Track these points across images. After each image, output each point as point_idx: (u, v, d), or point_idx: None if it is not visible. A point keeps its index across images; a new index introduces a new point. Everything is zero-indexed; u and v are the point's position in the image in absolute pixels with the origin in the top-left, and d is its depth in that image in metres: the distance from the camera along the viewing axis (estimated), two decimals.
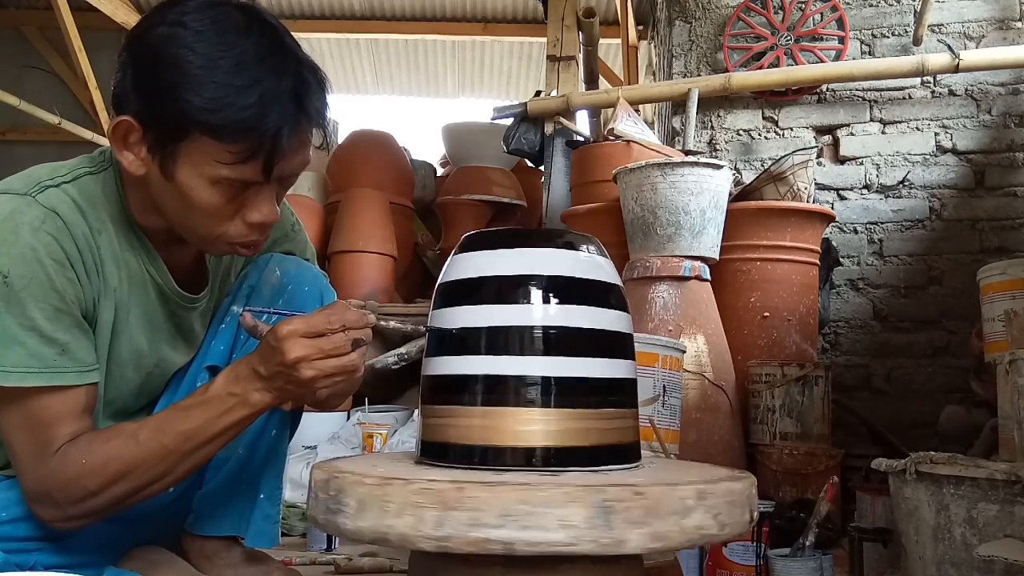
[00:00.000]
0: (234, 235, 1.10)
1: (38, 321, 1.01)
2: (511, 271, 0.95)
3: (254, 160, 1.02)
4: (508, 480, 0.84)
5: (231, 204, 1.06)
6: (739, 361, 2.42)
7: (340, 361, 1.04)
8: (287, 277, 1.31)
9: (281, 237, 1.38)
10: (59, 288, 1.03)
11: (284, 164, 1.06)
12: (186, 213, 1.08)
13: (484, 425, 0.92)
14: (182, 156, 1.02)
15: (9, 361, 1.01)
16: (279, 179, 1.08)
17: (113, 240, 1.12)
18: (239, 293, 1.31)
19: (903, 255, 3.18)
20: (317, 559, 1.78)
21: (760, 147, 3.30)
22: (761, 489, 1.11)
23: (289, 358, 1.02)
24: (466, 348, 0.95)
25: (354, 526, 0.85)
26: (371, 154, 4.34)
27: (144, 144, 1.05)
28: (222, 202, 1.05)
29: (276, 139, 1.01)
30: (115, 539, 1.23)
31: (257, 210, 1.08)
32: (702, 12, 3.41)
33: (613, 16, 5.76)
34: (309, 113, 1.05)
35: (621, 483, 0.83)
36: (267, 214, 1.08)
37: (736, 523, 0.87)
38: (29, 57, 6.16)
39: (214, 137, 1.00)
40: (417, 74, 7.29)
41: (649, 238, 2.37)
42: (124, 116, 1.04)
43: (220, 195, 1.05)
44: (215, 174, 1.03)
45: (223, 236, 1.10)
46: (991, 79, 3.14)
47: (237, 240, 1.11)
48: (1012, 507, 1.22)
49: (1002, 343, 1.88)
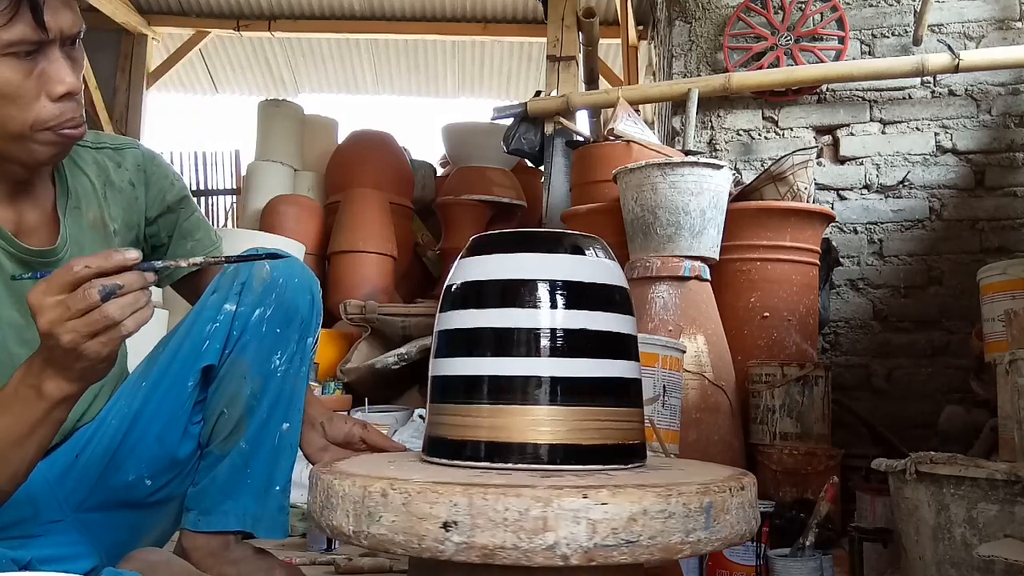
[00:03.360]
0: (48, 116, 1.07)
1: None
2: (519, 275, 0.96)
3: (21, 15, 1.01)
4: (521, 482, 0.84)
5: (28, 80, 1.05)
6: (739, 361, 2.42)
7: (92, 317, 0.91)
8: (276, 271, 1.30)
9: (143, 166, 1.34)
10: None
11: (56, 17, 1.04)
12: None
13: (492, 424, 0.93)
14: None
15: None
16: (61, 41, 1.07)
17: None
18: (231, 291, 1.29)
19: (903, 255, 3.18)
20: (317, 559, 1.78)
21: (760, 147, 3.30)
22: (761, 489, 1.12)
23: (41, 326, 0.91)
24: (475, 350, 0.96)
25: (353, 531, 0.85)
26: (371, 154, 4.34)
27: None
28: (19, 79, 1.04)
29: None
30: (110, 528, 1.24)
31: (58, 81, 1.06)
32: (702, 12, 3.41)
33: (613, 16, 5.77)
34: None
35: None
36: (70, 83, 1.07)
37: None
38: None
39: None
40: (417, 74, 7.29)
41: (649, 238, 2.38)
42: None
43: (13, 70, 1.04)
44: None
45: (38, 121, 1.07)
46: (991, 79, 3.15)
47: (54, 122, 1.08)
48: (1012, 507, 1.22)
49: (1002, 343, 1.88)
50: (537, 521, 0.78)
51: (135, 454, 1.25)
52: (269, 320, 1.28)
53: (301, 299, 1.30)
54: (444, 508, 0.80)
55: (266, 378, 1.28)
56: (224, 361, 1.27)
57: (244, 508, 1.29)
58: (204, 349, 1.27)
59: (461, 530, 0.79)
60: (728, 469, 1.02)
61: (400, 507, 0.82)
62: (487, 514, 0.79)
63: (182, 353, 1.28)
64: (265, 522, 1.32)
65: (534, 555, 0.78)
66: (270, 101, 4.95)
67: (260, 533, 1.32)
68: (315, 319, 1.34)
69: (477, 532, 0.79)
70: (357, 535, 0.85)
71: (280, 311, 1.28)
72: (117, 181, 1.30)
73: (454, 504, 0.80)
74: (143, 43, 6.39)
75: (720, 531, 0.86)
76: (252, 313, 1.27)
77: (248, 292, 1.27)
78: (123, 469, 1.25)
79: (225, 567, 1.28)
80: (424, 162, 4.78)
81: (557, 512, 0.79)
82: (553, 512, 0.79)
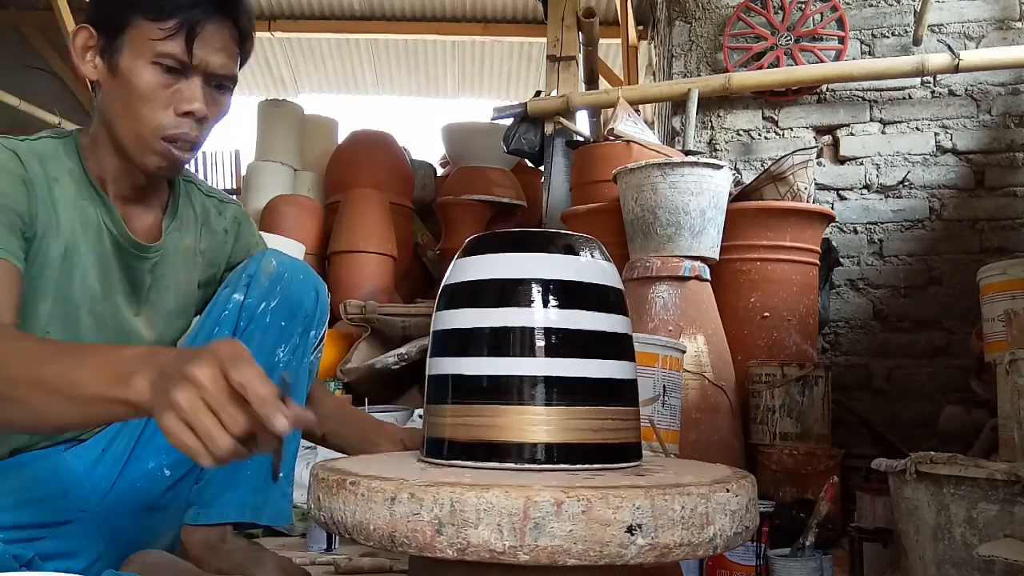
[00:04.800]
0: (168, 124, 1.20)
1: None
2: (515, 275, 0.96)
3: (179, 35, 1.17)
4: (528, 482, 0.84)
5: (165, 91, 1.19)
6: (739, 361, 2.42)
7: (211, 426, 0.81)
8: (282, 267, 1.38)
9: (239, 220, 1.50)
10: (7, 191, 1.14)
11: (206, 52, 1.19)
12: (129, 107, 1.20)
13: (488, 424, 0.93)
14: (126, 46, 1.19)
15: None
16: (205, 76, 1.21)
17: (69, 190, 1.23)
18: (239, 283, 1.37)
19: (903, 255, 3.18)
20: (317, 559, 1.78)
21: (760, 147, 3.30)
22: (761, 489, 1.12)
23: (189, 366, 0.82)
24: (471, 350, 0.96)
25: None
26: (371, 154, 4.34)
27: (96, 49, 1.22)
28: (157, 86, 1.19)
29: (196, 17, 1.17)
30: (123, 526, 1.26)
31: (187, 100, 1.19)
32: (702, 12, 3.41)
33: (613, 16, 5.76)
34: (229, 8, 1.22)
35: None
36: (197, 106, 1.20)
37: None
38: (29, 57, 6.16)
39: (148, 17, 1.17)
40: (417, 74, 7.29)
41: (649, 238, 2.37)
42: (83, 25, 1.23)
43: (156, 77, 1.18)
44: (150, 52, 1.17)
45: (159, 127, 1.20)
46: (991, 79, 3.14)
47: (171, 131, 1.20)
48: (1012, 507, 1.22)
49: (1002, 343, 1.88)
50: (702, 517, 0.84)
51: (154, 442, 1.29)
52: (274, 312, 1.34)
53: (306, 294, 1.38)
54: (628, 512, 0.80)
55: (269, 368, 1.31)
56: None
57: (243, 499, 1.32)
58: (215, 335, 1.33)
59: (645, 532, 0.81)
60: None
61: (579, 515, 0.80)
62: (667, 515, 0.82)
63: (197, 342, 1.34)
64: (268, 509, 1.36)
65: (698, 549, 0.84)
66: (270, 101, 4.95)
67: (264, 520, 1.35)
68: (319, 314, 1.41)
69: (660, 533, 0.81)
70: (515, 550, 0.79)
71: (285, 304, 1.35)
72: (215, 225, 1.45)
73: (637, 507, 0.81)
74: None
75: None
76: (258, 305, 1.34)
77: (255, 285, 1.36)
78: (143, 459, 1.30)
79: (220, 559, 1.30)
80: (424, 162, 4.78)
81: (714, 507, 0.85)
82: (711, 507, 0.85)
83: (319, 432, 1.47)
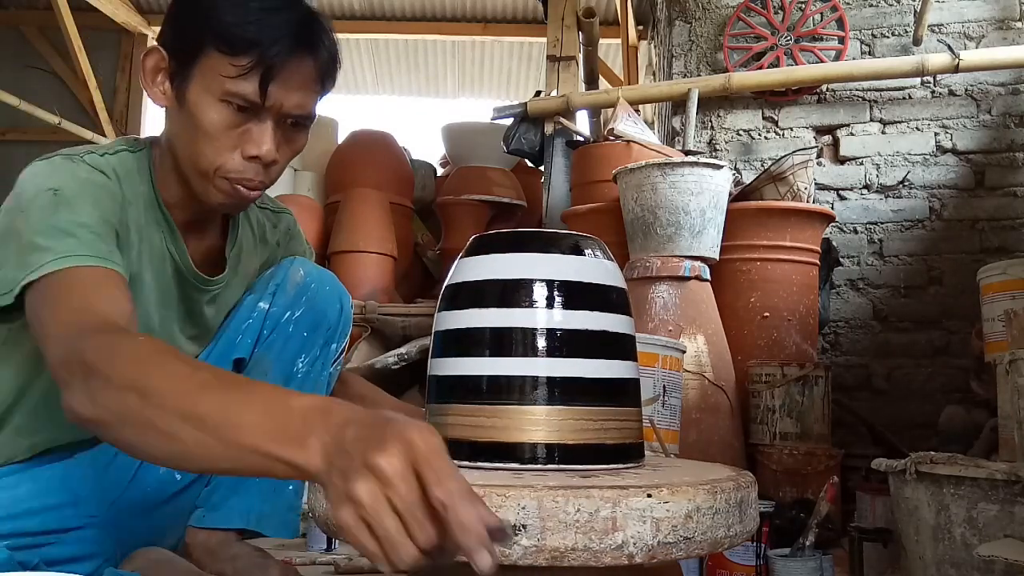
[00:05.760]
0: (231, 168, 1.14)
1: (88, 222, 1.05)
2: (517, 275, 0.96)
3: (253, 75, 1.09)
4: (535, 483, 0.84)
5: (233, 131, 1.12)
6: (739, 361, 2.42)
7: (395, 534, 0.65)
8: (310, 277, 1.37)
9: (291, 231, 1.47)
10: (105, 206, 1.09)
11: (282, 92, 1.11)
12: (193, 142, 1.13)
13: (490, 424, 0.93)
14: (195, 76, 1.11)
15: (63, 248, 1.01)
16: (279, 116, 1.13)
17: (140, 214, 1.18)
18: (265, 290, 1.35)
19: (903, 255, 3.18)
20: (317, 559, 1.78)
21: (760, 147, 3.30)
22: (761, 489, 1.12)
23: (375, 455, 0.66)
24: (473, 350, 0.96)
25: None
26: (371, 154, 4.33)
27: (167, 73, 1.15)
28: (224, 126, 1.11)
29: (273, 56, 1.09)
30: (131, 530, 1.25)
31: (255, 144, 1.12)
32: (702, 12, 3.41)
33: (613, 16, 5.76)
34: (310, 44, 1.13)
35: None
36: (265, 150, 1.13)
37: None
38: (29, 57, 6.16)
39: (222, 50, 1.08)
40: (417, 74, 7.29)
41: (649, 238, 2.37)
42: (155, 45, 1.16)
43: (223, 116, 1.11)
44: (220, 89, 1.09)
45: (223, 168, 1.14)
46: (991, 79, 3.15)
47: (234, 174, 1.14)
48: (1012, 507, 1.22)
49: (1002, 343, 1.88)
50: (607, 522, 0.79)
51: None
52: (297, 322, 1.34)
53: (331, 306, 1.37)
54: (511, 512, 0.79)
55: (287, 378, 1.31)
56: (252, 356, 1.33)
57: (249, 506, 1.31)
58: (237, 343, 1.33)
59: (531, 534, 0.79)
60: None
61: None
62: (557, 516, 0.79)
63: (219, 346, 1.33)
64: (273, 520, 1.34)
65: (603, 555, 0.79)
66: None
67: (267, 532, 1.33)
68: (342, 326, 1.40)
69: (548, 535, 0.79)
70: None
71: (309, 315, 1.35)
72: (270, 238, 1.43)
73: (523, 507, 0.79)
74: (143, 43, 6.38)
75: (748, 524, 0.89)
76: (283, 314, 1.34)
77: (281, 293, 1.35)
78: (155, 465, 1.27)
79: (222, 564, 1.29)
80: (424, 162, 4.78)
81: (625, 512, 0.79)
82: (622, 512, 0.79)
83: None
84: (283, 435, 0.73)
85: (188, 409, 0.78)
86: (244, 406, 0.77)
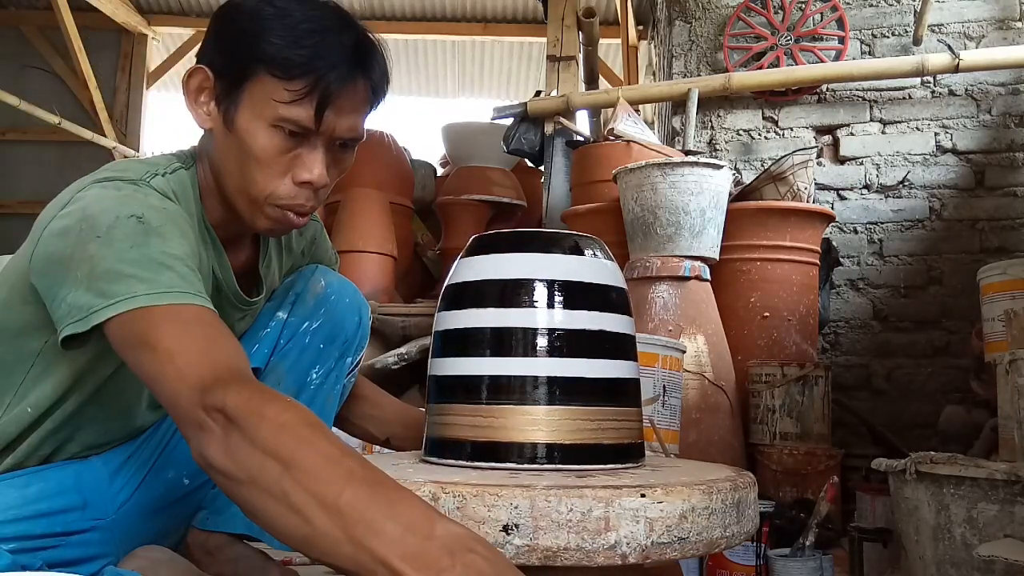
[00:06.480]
0: (283, 195, 1.10)
1: (180, 255, 1.00)
2: (518, 275, 0.96)
3: (308, 100, 1.05)
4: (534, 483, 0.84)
5: (284, 156, 1.08)
6: (739, 361, 2.42)
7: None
8: (330, 288, 1.36)
9: (316, 239, 1.45)
10: (189, 237, 1.05)
11: (336, 117, 1.08)
12: (242, 168, 1.10)
13: (490, 424, 0.93)
14: (244, 100, 1.07)
15: (164, 282, 0.95)
16: (330, 140, 1.10)
17: (192, 235, 1.14)
18: (284, 300, 1.34)
19: (903, 255, 3.18)
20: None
21: (760, 147, 3.30)
22: (761, 489, 1.12)
23: None
24: (473, 349, 0.96)
25: None
26: (371, 154, 4.33)
27: (213, 94, 1.10)
28: (275, 151, 1.08)
29: (330, 81, 1.05)
30: (135, 532, 1.25)
31: (307, 169, 1.09)
32: (702, 12, 3.41)
33: (613, 16, 5.77)
34: (365, 67, 1.10)
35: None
36: (316, 175, 1.09)
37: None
38: (29, 57, 6.16)
39: (275, 74, 1.04)
40: (417, 74, 7.29)
41: (649, 238, 2.38)
42: (199, 65, 1.10)
43: (275, 142, 1.07)
44: (272, 114, 1.06)
45: (273, 195, 1.10)
46: (991, 79, 3.15)
47: (285, 200, 1.11)
48: (1012, 507, 1.22)
49: (1002, 343, 1.88)
50: (600, 521, 0.79)
51: (177, 452, 1.27)
52: (314, 333, 1.33)
53: (349, 319, 1.36)
54: (504, 511, 0.79)
55: (300, 389, 1.31)
56: (268, 366, 1.32)
57: None
58: (254, 352, 1.31)
59: (523, 533, 0.79)
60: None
61: (455, 512, 0.80)
62: (550, 516, 0.79)
63: None
64: None
65: (596, 555, 0.79)
66: None
67: (269, 540, 1.32)
68: (359, 339, 1.39)
69: (541, 535, 0.79)
70: None
71: (327, 327, 1.34)
72: (295, 247, 1.39)
73: (515, 507, 0.79)
74: (143, 43, 6.39)
75: (746, 525, 0.89)
76: (301, 324, 1.33)
77: (300, 303, 1.34)
78: (165, 468, 1.28)
79: (222, 565, 1.29)
80: (424, 162, 4.77)
81: (618, 512, 0.79)
82: (614, 512, 0.79)
83: (382, 436, 1.46)
84: (419, 560, 0.71)
85: (329, 497, 0.75)
86: (387, 514, 0.74)
